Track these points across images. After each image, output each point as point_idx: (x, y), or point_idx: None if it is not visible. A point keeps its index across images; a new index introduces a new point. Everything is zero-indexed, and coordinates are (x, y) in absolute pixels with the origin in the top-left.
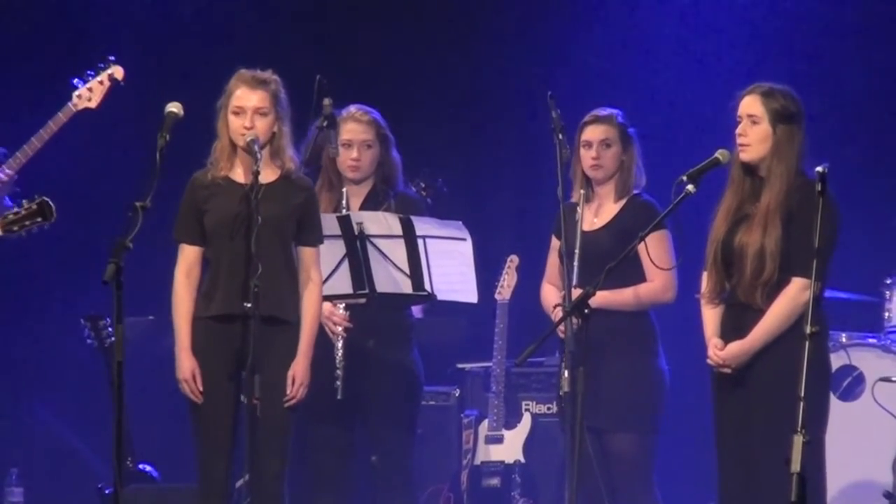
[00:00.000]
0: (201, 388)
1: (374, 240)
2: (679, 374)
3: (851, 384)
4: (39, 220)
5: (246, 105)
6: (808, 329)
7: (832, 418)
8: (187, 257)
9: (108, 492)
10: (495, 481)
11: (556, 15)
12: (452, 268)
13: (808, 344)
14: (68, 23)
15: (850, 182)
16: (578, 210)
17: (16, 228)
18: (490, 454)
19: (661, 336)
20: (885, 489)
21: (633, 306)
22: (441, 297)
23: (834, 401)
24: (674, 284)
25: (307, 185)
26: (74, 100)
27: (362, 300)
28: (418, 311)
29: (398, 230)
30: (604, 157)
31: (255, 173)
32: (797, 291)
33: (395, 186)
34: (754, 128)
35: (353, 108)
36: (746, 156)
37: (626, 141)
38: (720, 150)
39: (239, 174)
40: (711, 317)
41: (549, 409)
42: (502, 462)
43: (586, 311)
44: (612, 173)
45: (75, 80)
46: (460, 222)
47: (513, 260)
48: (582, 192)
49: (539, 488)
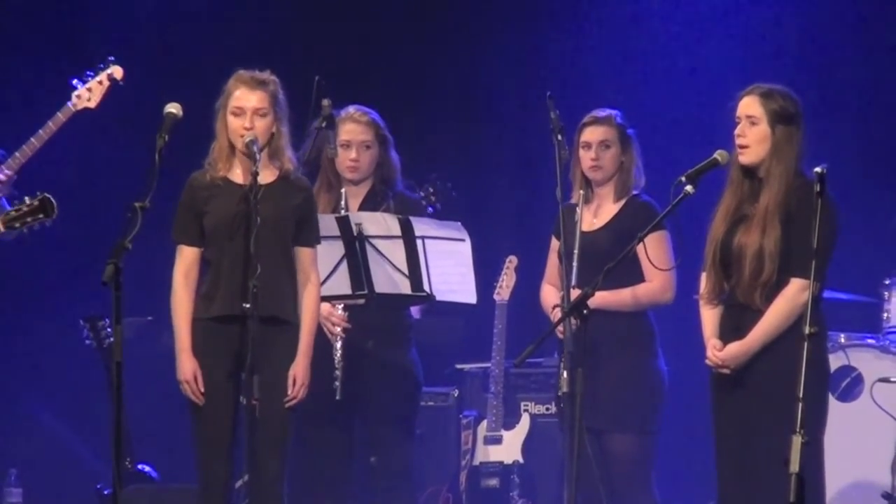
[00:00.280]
0: (202, 389)
1: (372, 240)
2: (678, 375)
3: (850, 385)
4: (41, 216)
5: (245, 105)
6: (807, 330)
7: (831, 419)
8: (186, 258)
9: (106, 492)
10: (494, 482)
11: (556, 15)
12: (451, 268)
13: (806, 344)
14: (68, 23)
15: (848, 183)
16: (577, 211)
17: (17, 225)
18: (489, 455)
19: (660, 336)
20: (884, 490)
21: (632, 307)
22: (440, 297)
23: (833, 401)
24: (672, 285)
25: (305, 185)
26: (73, 100)
27: (361, 301)
28: (416, 312)
29: (397, 231)
30: (603, 158)
31: (255, 174)
32: (796, 292)
33: (393, 187)
34: (753, 128)
35: (351, 109)
36: (746, 159)
37: (625, 142)
38: (719, 150)
39: (237, 175)
40: (710, 317)
41: (547, 409)
42: (501, 462)
43: (585, 311)
44: (611, 174)
45: (74, 81)
46: (459, 223)
47: (512, 261)
48: (581, 192)
49: (538, 489)
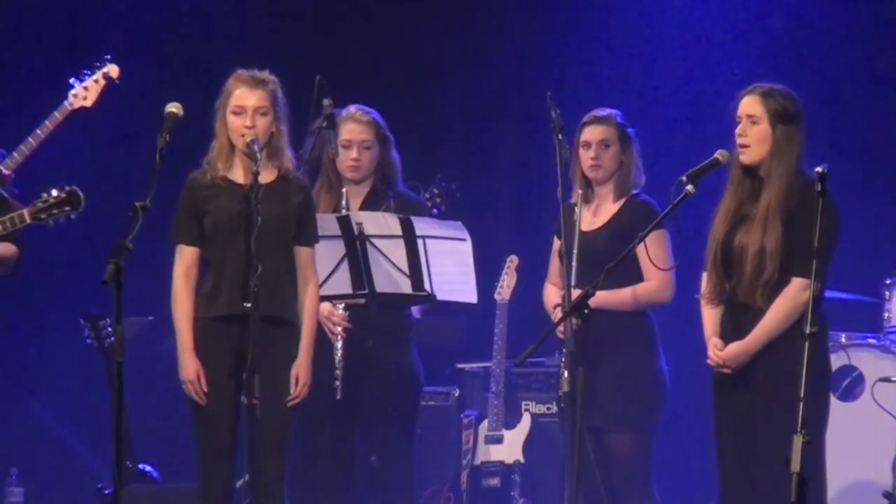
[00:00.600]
0: (205, 389)
1: (373, 240)
2: (679, 374)
3: (851, 384)
4: (68, 208)
5: (246, 105)
6: (808, 329)
7: (832, 418)
8: (186, 258)
9: (107, 492)
10: (495, 481)
11: (557, 15)
12: (452, 268)
13: (807, 344)
14: (69, 22)
15: (850, 182)
16: (576, 210)
17: (44, 216)
18: (490, 454)
19: (661, 336)
20: (885, 489)
21: (632, 306)
22: (441, 297)
23: (833, 401)
24: (671, 284)
25: (304, 184)
26: (70, 99)
27: (362, 300)
28: (417, 312)
29: (398, 230)
30: (603, 157)
31: (255, 173)
32: (797, 292)
33: (394, 186)
34: (754, 128)
35: (352, 109)
36: (746, 158)
37: (625, 141)
38: (720, 150)
39: (237, 174)
40: (711, 317)
41: (548, 409)
42: (502, 462)
43: (586, 311)
44: (611, 173)
45: (72, 80)
46: (460, 222)
47: (512, 260)
48: (580, 192)
49: (539, 488)
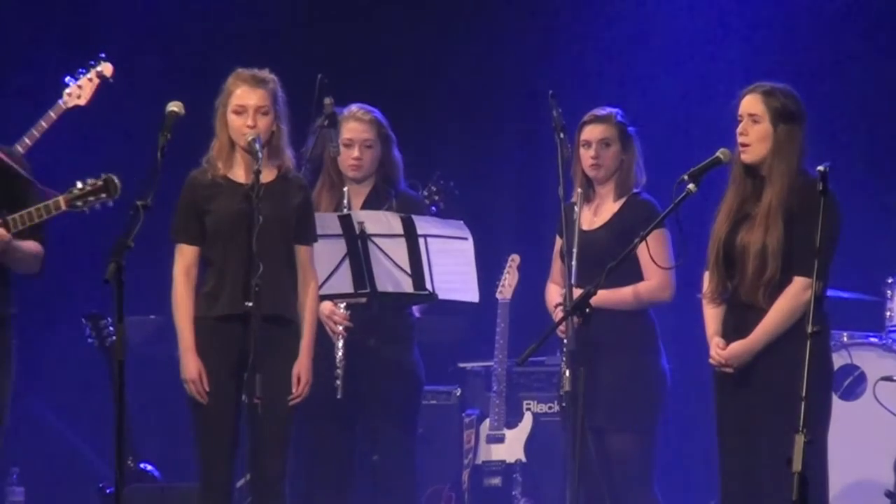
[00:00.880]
0: (207, 388)
1: (375, 239)
2: (680, 374)
3: (853, 384)
4: (104, 196)
5: (248, 104)
6: (810, 328)
7: (834, 418)
8: (186, 257)
9: (109, 491)
10: (496, 481)
11: (558, 14)
12: (453, 267)
13: (809, 343)
14: (68, 22)
15: (851, 181)
16: (576, 209)
17: (80, 204)
18: (491, 453)
19: (662, 335)
20: (887, 489)
21: (632, 305)
22: (442, 296)
23: (835, 400)
24: (671, 283)
25: (303, 183)
26: (65, 97)
27: (363, 299)
28: (417, 311)
29: (399, 229)
30: (603, 156)
31: (257, 172)
32: (799, 291)
33: (396, 186)
34: (755, 127)
35: (354, 108)
36: (747, 157)
37: (625, 140)
38: (721, 149)
39: (238, 174)
40: (713, 316)
41: (550, 408)
42: (503, 461)
43: (587, 310)
44: (611, 172)
45: (66, 78)
46: (461, 221)
47: (514, 259)
48: (580, 191)
49: (540, 488)
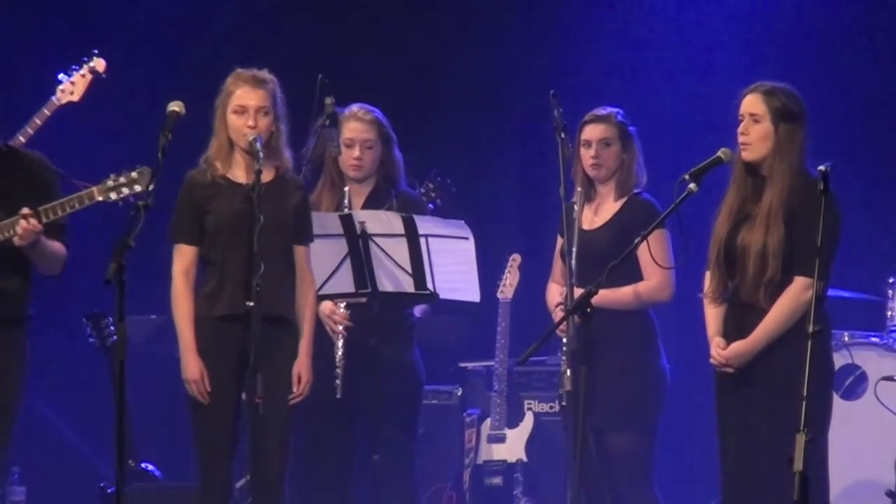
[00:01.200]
0: (209, 389)
1: (376, 239)
2: (680, 374)
3: (854, 383)
4: (138, 188)
5: (249, 104)
6: (811, 328)
7: (835, 417)
8: (186, 257)
9: (110, 491)
10: (497, 480)
11: (559, 14)
12: (454, 266)
13: (810, 343)
14: (67, 21)
15: (853, 181)
16: (577, 209)
17: (113, 196)
18: (492, 453)
19: (663, 334)
20: (888, 488)
21: (632, 305)
22: (443, 295)
23: (836, 400)
24: (670, 283)
25: (301, 184)
26: (58, 94)
27: (363, 299)
28: (419, 311)
29: (400, 229)
30: (603, 156)
31: (258, 172)
32: (799, 291)
33: (397, 186)
34: (756, 126)
35: (355, 108)
36: (748, 155)
37: (625, 140)
38: (722, 148)
39: (237, 174)
40: (714, 316)
41: (551, 407)
42: (504, 461)
43: (588, 310)
44: (612, 172)
45: (59, 75)
46: (462, 221)
47: (515, 259)
48: (580, 190)
49: (541, 487)
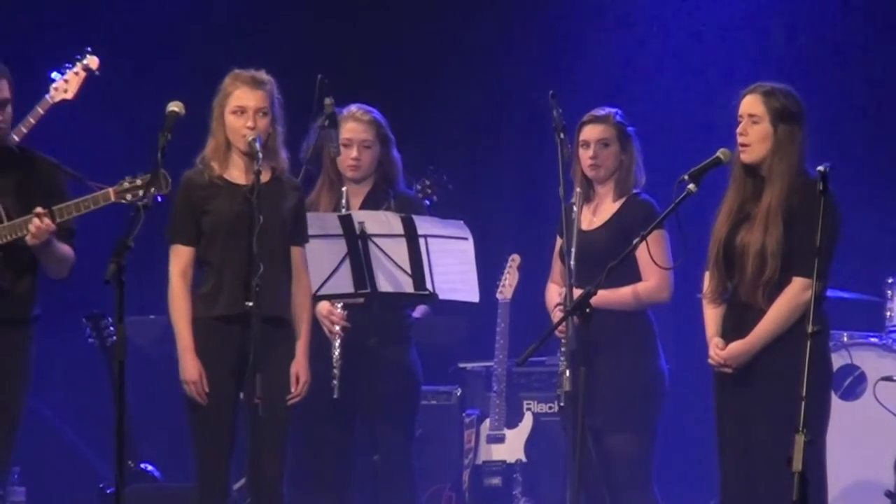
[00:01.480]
0: (207, 390)
1: (375, 239)
2: (679, 374)
3: (853, 384)
4: (153, 190)
5: (248, 105)
6: (810, 328)
7: (834, 418)
8: (183, 258)
9: (109, 491)
10: (497, 481)
11: (559, 13)
12: (454, 267)
13: (809, 343)
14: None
15: (852, 181)
16: (575, 209)
17: (129, 197)
18: (492, 453)
19: (662, 335)
20: (887, 489)
21: (632, 305)
22: (442, 296)
23: (835, 400)
24: (669, 284)
25: (297, 185)
26: (52, 92)
27: (360, 299)
28: (420, 311)
29: (400, 229)
30: (601, 156)
31: (257, 173)
32: (798, 291)
33: (395, 186)
34: (755, 127)
35: (353, 108)
36: (747, 157)
37: (624, 140)
38: (721, 149)
39: (234, 174)
40: (713, 316)
41: (550, 408)
42: (504, 461)
43: (587, 310)
44: (610, 173)
45: (53, 73)
46: (462, 221)
47: (514, 259)
48: (579, 191)
49: (540, 488)
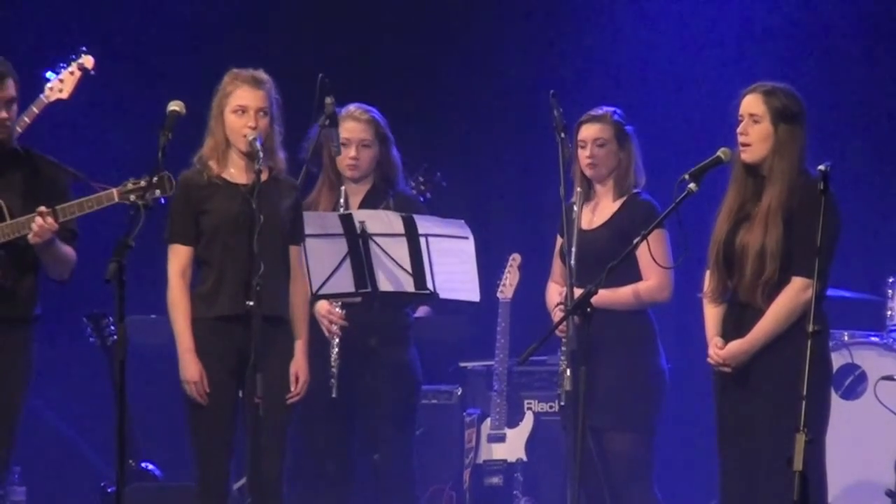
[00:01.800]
0: (207, 390)
1: (376, 238)
2: (679, 374)
3: (853, 383)
4: (158, 192)
5: (249, 105)
6: (811, 328)
7: (834, 417)
8: (182, 258)
9: (110, 490)
10: (497, 480)
11: (559, 12)
12: (455, 266)
13: (809, 343)
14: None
15: (853, 181)
16: (575, 209)
17: (132, 198)
18: (492, 453)
19: (662, 334)
20: (888, 488)
21: (632, 305)
22: (443, 295)
23: (836, 399)
24: (669, 283)
25: (294, 184)
26: (46, 92)
27: (357, 299)
28: (423, 311)
29: (400, 229)
30: (598, 155)
31: (258, 173)
32: (797, 291)
33: (394, 185)
34: (755, 127)
35: (352, 107)
36: (748, 157)
37: (622, 139)
38: (722, 148)
39: (232, 174)
40: (713, 316)
41: (551, 407)
42: (504, 461)
43: (588, 310)
44: (608, 172)
45: (47, 73)
46: (462, 221)
47: (515, 258)
48: (579, 190)
49: (541, 487)
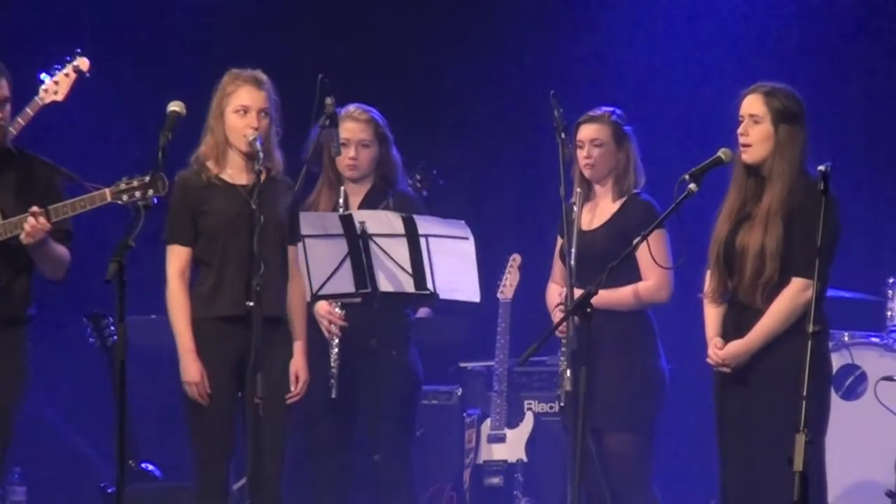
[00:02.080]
0: (208, 390)
1: (376, 239)
2: (679, 374)
3: (854, 383)
4: (151, 192)
5: (251, 105)
6: (811, 328)
7: (834, 418)
8: (181, 259)
9: (110, 491)
10: (497, 480)
11: (559, 13)
12: (455, 267)
13: (809, 343)
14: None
15: (853, 181)
16: (575, 209)
17: (125, 198)
18: (492, 453)
19: (662, 335)
20: (888, 488)
21: (632, 305)
22: (443, 296)
23: (836, 400)
24: (669, 284)
25: (290, 184)
26: (41, 94)
27: (357, 299)
28: (424, 311)
29: (400, 229)
30: (595, 156)
31: (258, 173)
32: (796, 292)
33: (394, 185)
34: (756, 127)
35: (351, 108)
36: (748, 158)
37: (620, 139)
38: (722, 149)
39: (231, 174)
40: (713, 316)
41: (551, 408)
42: (505, 461)
43: (588, 310)
44: (607, 172)
45: (42, 75)
46: (463, 221)
47: (515, 259)
48: (579, 191)
49: (541, 487)
